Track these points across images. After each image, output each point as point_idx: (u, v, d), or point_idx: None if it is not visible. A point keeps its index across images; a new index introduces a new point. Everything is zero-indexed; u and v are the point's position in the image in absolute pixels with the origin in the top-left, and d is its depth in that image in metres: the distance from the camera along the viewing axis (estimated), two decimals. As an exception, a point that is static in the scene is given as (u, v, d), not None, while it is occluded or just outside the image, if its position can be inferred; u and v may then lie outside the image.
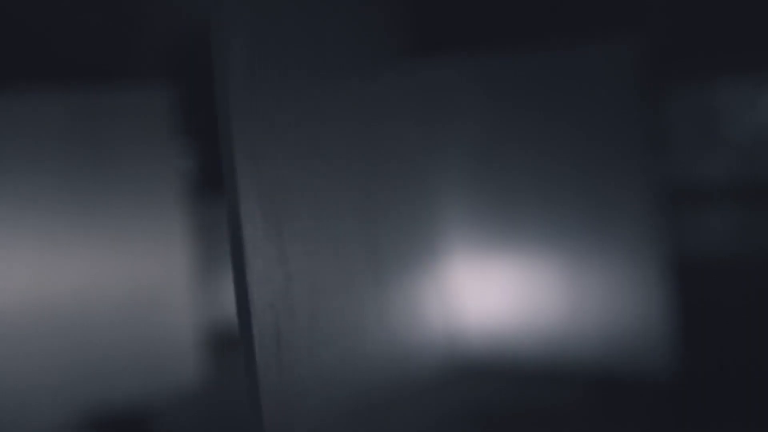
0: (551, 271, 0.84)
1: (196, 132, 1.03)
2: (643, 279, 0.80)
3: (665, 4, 0.80)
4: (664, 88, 0.83)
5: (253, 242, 0.62)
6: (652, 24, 0.81)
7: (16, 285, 0.84)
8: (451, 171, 0.89)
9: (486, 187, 0.88)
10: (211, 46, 0.61)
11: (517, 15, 0.89)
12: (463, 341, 0.90)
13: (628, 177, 0.80)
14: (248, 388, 0.61)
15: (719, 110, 0.82)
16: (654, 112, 0.83)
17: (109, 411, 0.88)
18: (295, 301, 0.66)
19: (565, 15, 0.85)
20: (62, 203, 0.88)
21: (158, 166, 0.94)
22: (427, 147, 0.87)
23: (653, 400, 0.74)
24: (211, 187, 1.07)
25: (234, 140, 0.61)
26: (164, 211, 0.95)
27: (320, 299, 0.70)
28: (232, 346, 1.08)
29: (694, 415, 0.69)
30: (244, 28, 0.63)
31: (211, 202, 1.10)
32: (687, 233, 0.84)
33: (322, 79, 0.72)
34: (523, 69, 0.84)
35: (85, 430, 0.82)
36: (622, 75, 0.79)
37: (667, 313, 0.79)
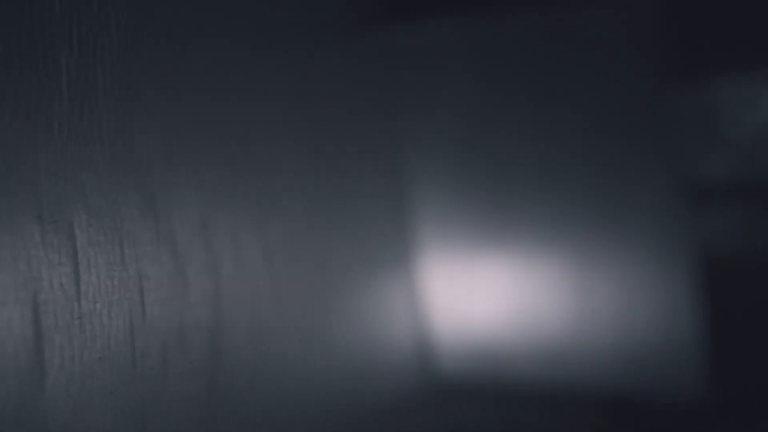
0: (552, 274, 0.78)
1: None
2: (663, 283, 0.75)
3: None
4: (667, 84, 0.81)
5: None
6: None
7: None
8: (430, 160, 0.83)
9: (473, 177, 0.82)
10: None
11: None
12: (446, 356, 0.82)
13: (641, 166, 0.76)
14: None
15: (721, 110, 0.80)
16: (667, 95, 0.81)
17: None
18: (251, 314, 0.58)
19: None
20: None
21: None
22: (399, 132, 0.80)
23: (677, 426, 0.68)
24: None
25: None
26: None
27: (278, 310, 0.59)
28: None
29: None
30: None
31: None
32: (711, 232, 0.81)
33: (264, 53, 0.60)
34: (516, 37, 0.78)
35: None
36: (628, 49, 0.75)
37: (692, 323, 0.74)
